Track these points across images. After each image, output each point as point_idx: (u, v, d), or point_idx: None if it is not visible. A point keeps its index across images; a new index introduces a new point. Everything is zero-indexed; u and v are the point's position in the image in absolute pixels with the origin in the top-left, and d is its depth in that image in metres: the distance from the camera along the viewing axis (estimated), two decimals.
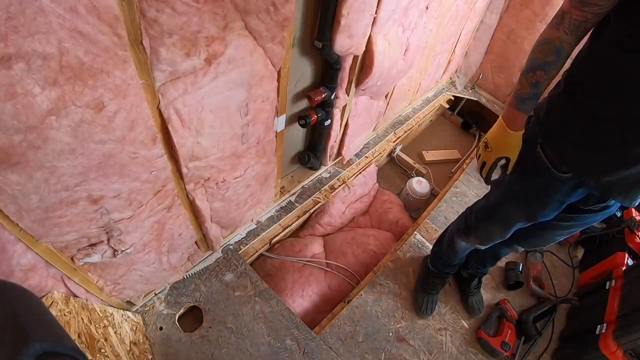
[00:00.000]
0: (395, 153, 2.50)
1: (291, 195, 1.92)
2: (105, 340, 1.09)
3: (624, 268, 1.67)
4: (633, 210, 1.89)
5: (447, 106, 2.90)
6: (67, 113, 0.69)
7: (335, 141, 1.93)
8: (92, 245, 0.99)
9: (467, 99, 2.94)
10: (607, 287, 1.63)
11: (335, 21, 1.22)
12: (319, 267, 1.77)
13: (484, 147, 1.04)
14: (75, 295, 1.05)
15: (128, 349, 1.18)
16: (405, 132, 2.52)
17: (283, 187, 1.89)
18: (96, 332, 1.07)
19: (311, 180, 2.02)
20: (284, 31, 1.03)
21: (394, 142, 2.43)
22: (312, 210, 1.94)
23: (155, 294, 1.44)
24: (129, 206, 0.98)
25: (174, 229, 1.22)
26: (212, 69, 0.91)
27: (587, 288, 1.82)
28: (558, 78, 0.95)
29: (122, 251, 1.07)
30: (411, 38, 1.66)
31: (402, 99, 2.36)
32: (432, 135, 2.90)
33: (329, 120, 1.68)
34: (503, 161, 1.03)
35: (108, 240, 1.01)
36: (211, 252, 1.60)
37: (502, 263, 1.82)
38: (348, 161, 2.16)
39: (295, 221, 1.87)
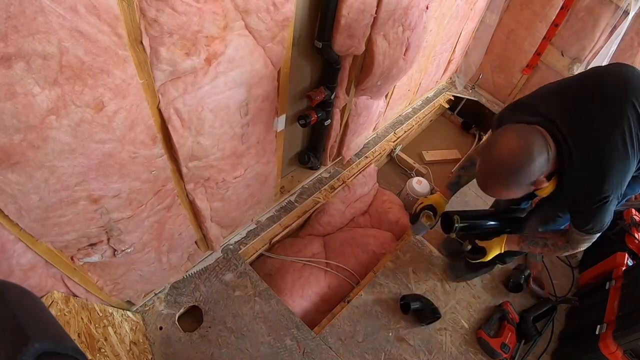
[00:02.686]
0: (395, 153, 2.49)
1: (291, 195, 1.92)
2: (105, 339, 1.09)
3: (623, 268, 1.67)
4: (633, 210, 1.89)
5: (447, 106, 2.90)
6: (67, 113, 0.69)
7: (335, 141, 1.92)
8: (92, 244, 0.99)
9: (467, 99, 2.93)
10: (607, 287, 1.63)
11: (336, 21, 1.21)
12: (319, 267, 1.76)
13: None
14: (75, 295, 1.05)
15: (128, 348, 1.18)
16: (405, 132, 2.52)
17: (283, 187, 1.89)
18: (96, 331, 1.07)
19: (311, 180, 2.02)
20: (284, 31, 1.03)
21: (394, 142, 2.43)
22: (312, 210, 1.94)
23: (155, 294, 1.45)
24: (128, 206, 0.98)
25: (173, 228, 1.22)
26: (212, 69, 0.91)
27: (587, 288, 1.82)
28: None
29: (122, 251, 1.07)
30: (411, 38, 1.65)
31: (402, 98, 2.36)
32: (432, 135, 2.90)
33: (329, 120, 1.68)
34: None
35: (108, 239, 1.01)
36: (211, 251, 1.60)
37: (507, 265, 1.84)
38: (348, 161, 2.16)
39: (295, 221, 1.87)
